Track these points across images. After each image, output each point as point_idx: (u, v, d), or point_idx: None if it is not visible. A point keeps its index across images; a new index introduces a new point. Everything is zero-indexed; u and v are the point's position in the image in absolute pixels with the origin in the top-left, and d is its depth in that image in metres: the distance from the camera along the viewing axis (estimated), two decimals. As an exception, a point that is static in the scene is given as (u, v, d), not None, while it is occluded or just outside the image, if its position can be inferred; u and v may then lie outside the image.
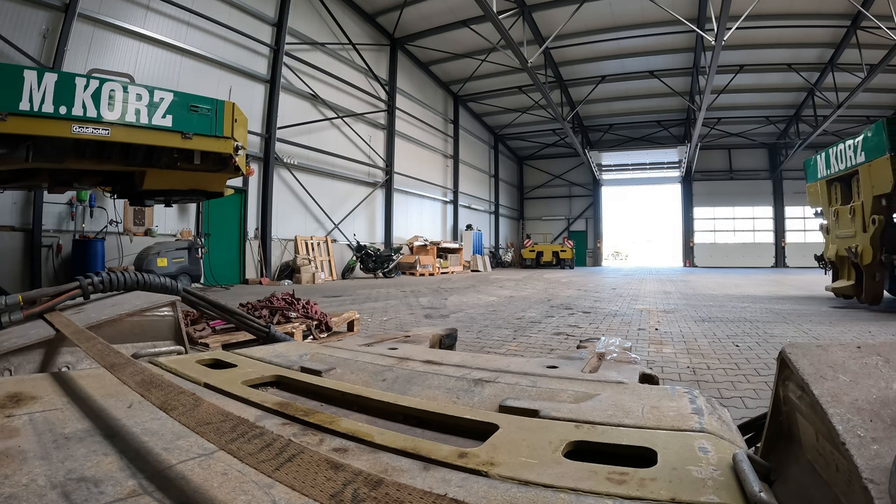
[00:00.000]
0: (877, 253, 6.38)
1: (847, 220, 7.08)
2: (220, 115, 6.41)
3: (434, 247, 18.54)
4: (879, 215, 6.36)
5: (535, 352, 3.99)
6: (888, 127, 6.10)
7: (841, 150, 7.32)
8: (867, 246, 6.49)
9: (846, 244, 7.00)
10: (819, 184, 8.04)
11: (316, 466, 0.52)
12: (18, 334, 1.47)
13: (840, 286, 7.43)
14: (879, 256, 6.37)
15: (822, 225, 8.13)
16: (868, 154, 6.48)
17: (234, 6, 12.04)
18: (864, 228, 6.60)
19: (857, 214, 6.78)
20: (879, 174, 6.21)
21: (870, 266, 6.53)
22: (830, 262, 7.84)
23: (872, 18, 13.18)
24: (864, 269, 6.65)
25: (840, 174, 7.31)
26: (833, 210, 7.56)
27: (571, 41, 17.48)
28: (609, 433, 0.74)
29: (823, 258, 8.09)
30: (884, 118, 6.23)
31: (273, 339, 2.19)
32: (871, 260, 6.44)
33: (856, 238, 6.81)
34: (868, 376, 0.60)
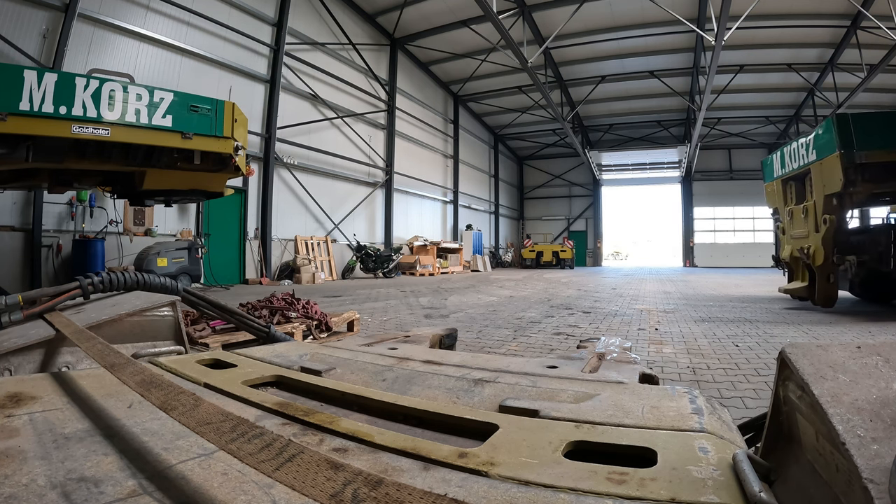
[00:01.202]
0: (829, 253, 6.22)
1: (801, 220, 6.94)
2: (220, 115, 6.41)
3: (434, 247, 18.53)
4: (831, 215, 6.19)
5: (535, 352, 3.99)
6: (838, 124, 5.88)
7: (794, 148, 7.14)
8: (819, 246, 6.33)
9: (799, 244, 6.85)
10: (775, 183, 7.90)
11: (316, 466, 0.52)
12: (18, 334, 1.47)
13: (793, 287, 7.32)
14: (832, 257, 6.20)
15: (778, 225, 8.00)
16: (819, 152, 6.29)
17: (234, 6, 12.04)
18: (817, 228, 6.43)
19: (810, 214, 6.62)
20: (830, 173, 6.03)
21: (822, 267, 6.36)
22: (785, 263, 7.74)
23: (872, 18, 13.18)
24: (816, 270, 6.49)
25: (794, 173, 7.17)
26: (788, 210, 7.44)
27: (571, 41, 17.48)
28: (609, 433, 0.74)
29: (780, 259, 7.96)
30: (833, 114, 6.06)
31: (273, 339, 2.19)
32: (824, 261, 6.29)
33: (808, 238, 6.66)
34: (868, 376, 0.60)
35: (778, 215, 7.98)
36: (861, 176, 5.77)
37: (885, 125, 5.90)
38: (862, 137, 5.72)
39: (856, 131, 5.73)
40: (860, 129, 5.75)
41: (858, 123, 5.80)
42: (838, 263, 6.17)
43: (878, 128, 5.85)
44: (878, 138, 5.72)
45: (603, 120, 26.38)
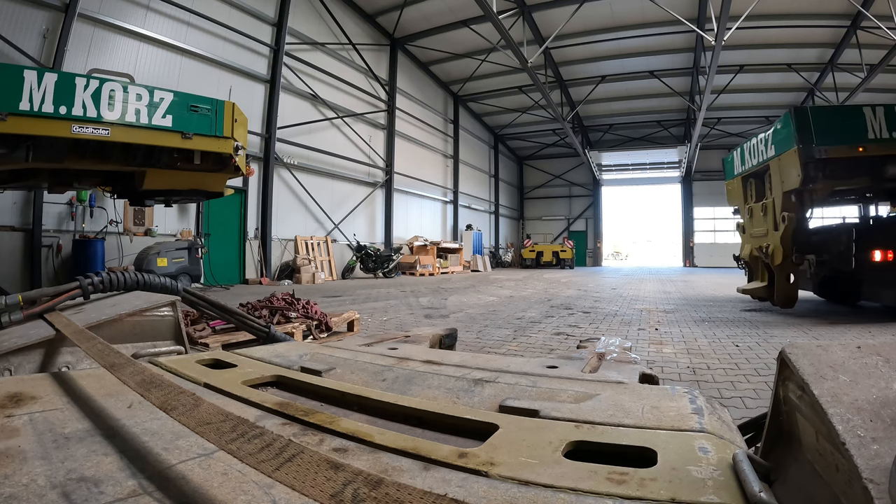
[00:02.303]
0: (788, 252, 5.98)
1: (760, 218, 6.71)
2: (220, 115, 6.41)
3: (434, 247, 18.53)
4: (789, 212, 5.96)
5: (535, 352, 3.99)
6: (796, 117, 5.61)
7: (754, 144, 6.89)
8: (778, 245, 6.08)
9: (758, 243, 6.61)
10: (736, 181, 7.69)
11: (316, 466, 0.52)
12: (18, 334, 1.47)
13: (752, 288, 7.04)
14: (791, 256, 5.98)
15: (739, 224, 7.78)
16: (778, 147, 6.04)
17: (234, 6, 12.04)
18: (776, 227, 6.19)
19: (769, 212, 6.37)
20: (788, 168, 5.80)
21: (781, 266, 6.11)
22: (745, 262, 7.54)
23: (872, 18, 13.18)
24: (775, 269, 6.25)
25: (754, 170, 6.93)
26: (747, 208, 7.24)
27: (571, 41, 17.48)
28: (609, 433, 0.74)
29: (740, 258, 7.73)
30: (791, 107, 5.74)
31: (273, 339, 2.19)
32: (782, 260, 6.03)
33: (767, 237, 6.41)
34: (868, 376, 0.60)
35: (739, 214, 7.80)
36: (822, 172, 5.56)
37: (846, 119, 5.72)
38: (822, 132, 5.50)
39: (815, 125, 5.51)
40: (820, 123, 5.54)
41: (818, 117, 5.61)
42: (797, 263, 5.98)
43: (838, 122, 5.68)
44: (839, 133, 5.55)
45: (603, 120, 26.38)
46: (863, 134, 5.45)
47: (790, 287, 6.18)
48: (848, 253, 5.67)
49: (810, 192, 5.88)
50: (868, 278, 5.70)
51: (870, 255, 5.45)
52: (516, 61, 14.51)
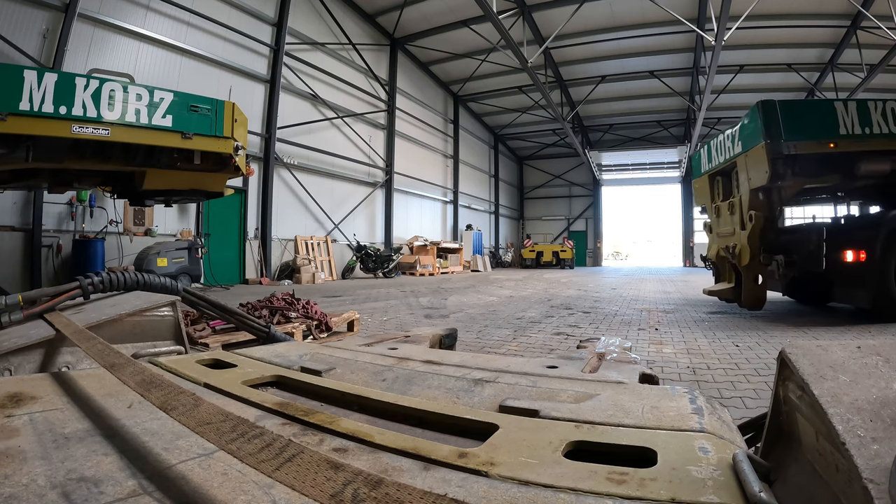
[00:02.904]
0: (756, 253, 5.74)
1: (727, 218, 6.47)
2: (220, 115, 6.41)
3: (434, 247, 18.53)
4: (757, 211, 5.71)
5: (535, 352, 3.99)
6: (763, 111, 5.38)
7: (721, 141, 6.63)
8: (745, 245, 5.84)
9: (725, 243, 6.39)
10: (703, 179, 7.44)
11: (316, 466, 0.52)
12: (18, 334, 1.47)
13: (719, 289, 6.79)
14: (758, 256, 5.73)
15: (706, 223, 7.55)
16: (745, 143, 5.81)
17: (234, 6, 12.04)
18: (743, 226, 5.95)
19: (737, 210, 6.13)
20: (756, 165, 5.56)
21: (748, 267, 5.87)
22: (711, 262, 7.31)
23: (872, 18, 13.18)
24: (742, 270, 6.02)
25: (721, 167, 6.68)
26: (714, 206, 7.00)
27: (571, 41, 17.48)
28: (609, 433, 0.74)
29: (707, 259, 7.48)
30: (759, 101, 5.51)
31: (273, 339, 2.19)
32: (750, 260, 5.80)
33: (734, 236, 6.17)
34: (868, 376, 0.60)
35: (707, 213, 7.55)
36: (791, 169, 5.33)
37: (817, 114, 5.51)
38: (791, 126, 5.27)
39: (784, 119, 5.28)
40: (789, 118, 5.31)
41: (787, 111, 5.38)
42: (765, 263, 5.73)
43: (808, 116, 5.47)
44: (809, 128, 5.34)
45: (603, 120, 26.38)
46: (834, 129, 5.29)
47: (758, 288, 5.97)
48: (818, 253, 5.46)
49: (779, 190, 5.68)
50: (839, 279, 5.51)
51: (841, 256, 5.27)
52: (516, 61, 14.51)
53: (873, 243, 5.12)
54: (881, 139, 5.31)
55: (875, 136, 5.30)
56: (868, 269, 5.10)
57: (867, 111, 5.31)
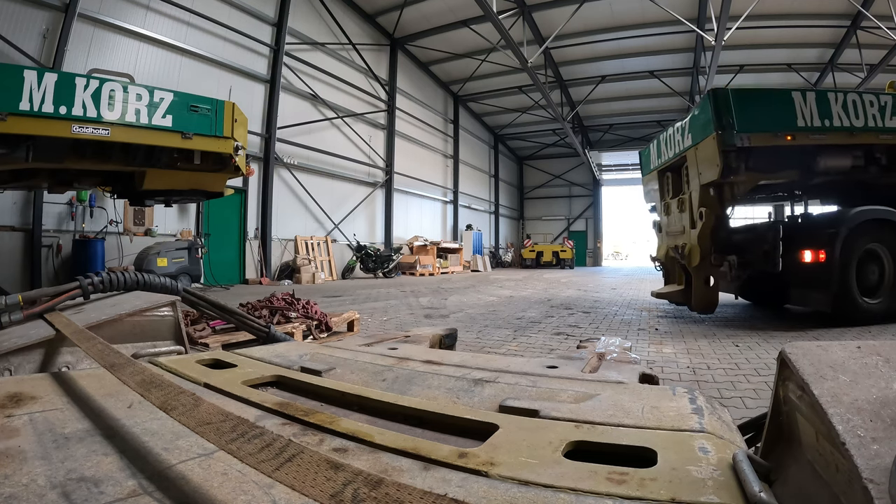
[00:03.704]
0: (706, 252, 5.38)
1: (677, 216, 6.09)
2: (220, 115, 6.42)
3: (434, 247, 18.53)
4: (708, 208, 5.34)
5: (535, 352, 3.99)
6: (715, 100, 5.00)
7: (670, 134, 6.18)
8: (695, 245, 5.48)
9: (674, 242, 6.03)
10: (652, 175, 7.01)
11: (316, 466, 0.52)
12: (18, 334, 1.47)
13: (667, 291, 6.39)
14: (709, 257, 5.38)
15: (655, 222, 7.13)
16: (695, 136, 5.41)
17: (234, 6, 12.04)
18: (693, 224, 5.58)
19: (686, 208, 5.76)
20: (707, 158, 5.18)
21: (699, 268, 5.51)
22: (660, 263, 6.91)
23: (872, 18, 13.18)
24: (692, 271, 5.65)
25: (670, 162, 6.22)
26: (664, 204, 6.60)
27: (571, 41, 17.48)
28: (609, 433, 0.74)
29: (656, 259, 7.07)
30: (710, 89, 5.16)
31: (273, 339, 2.19)
32: (700, 261, 5.44)
33: (684, 235, 5.81)
34: (868, 376, 0.60)
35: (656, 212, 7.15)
36: (744, 163, 4.98)
37: (773, 104, 5.12)
38: (744, 117, 4.92)
39: (737, 110, 4.90)
40: (742, 108, 4.94)
41: (741, 100, 5.01)
42: (717, 264, 5.39)
43: (764, 107, 5.09)
44: (765, 119, 4.98)
45: (603, 120, 26.37)
46: (791, 121, 4.96)
47: (709, 291, 5.61)
48: (774, 253, 5.15)
49: (731, 186, 5.29)
50: (797, 280, 5.25)
51: (799, 256, 5.03)
52: (516, 61, 14.50)
53: (833, 243, 4.85)
54: (842, 133, 5.07)
55: (835, 129, 5.04)
56: (827, 270, 4.85)
57: (827, 102, 5.05)
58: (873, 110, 5.14)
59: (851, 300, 4.91)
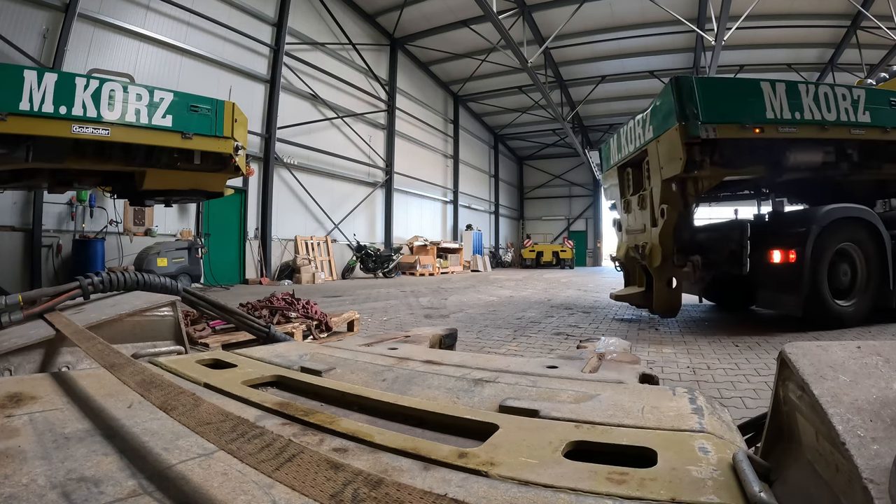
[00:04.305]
0: (668, 252, 5.04)
1: (637, 213, 5.76)
2: (220, 115, 6.42)
3: (434, 247, 18.53)
4: (670, 205, 5.00)
5: (535, 352, 3.99)
6: (678, 88, 4.66)
7: (631, 127, 5.85)
8: (656, 244, 5.15)
9: (635, 241, 5.70)
10: (612, 171, 6.67)
11: (316, 466, 0.52)
12: (18, 334, 1.47)
13: (627, 293, 6.04)
14: (671, 257, 5.04)
15: (615, 220, 6.82)
16: (657, 128, 5.10)
17: (234, 6, 12.05)
18: (654, 222, 5.27)
19: (647, 205, 5.44)
20: (669, 152, 4.84)
21: (660, 269, 5.17)
22: (620, 263, 6.55)
23: (872, 18, 13.18)
24: (653, 272, 5.33)
25: (631, 157, 5.89)
26: (624, 201, 6.26)
27: (571, 41, 17.48)
28: (609, 433, 0.74)
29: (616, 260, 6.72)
30: (673, 77, 4.82)
31: (273, 339, 2.19)
32: (662, 261, 5.10)
33: (645, 234, 5.48)
34: (868, 376, 0.60)
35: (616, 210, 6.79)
36: (709, 156, 4.67)
37: (741, 94, 4.82)
38: (710, 107, 4.59)
39: (702, 99, 4.58)
40: (708, 97, 4.63)
41: (706, 89, 4.71)
42: (679, 265, 5.05)
43: (731, 96, 4.80)
44: (731, 109, 4.69)
45: (603, 120, 26.35)
46: (760, 113, 4.67)
47: (671, 293, 5.26)
48: (742, 253, 4.91)
49: (695, 182, 4.95)
50: (765, 282, 4.99)
51: (767, 256, 4.78)
52: (516, 61, 14.51)
53: (804, 242, 4.59)
54: (813, 126, 4.80)
55: (806, 122, 4.77)
56: (798, 271, 4.56)
57: (798, 94, 4.78)
58: (846, 104, 4.93)
59: (823, 303, 4.69)
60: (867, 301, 4.90)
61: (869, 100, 5.02)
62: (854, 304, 4.87)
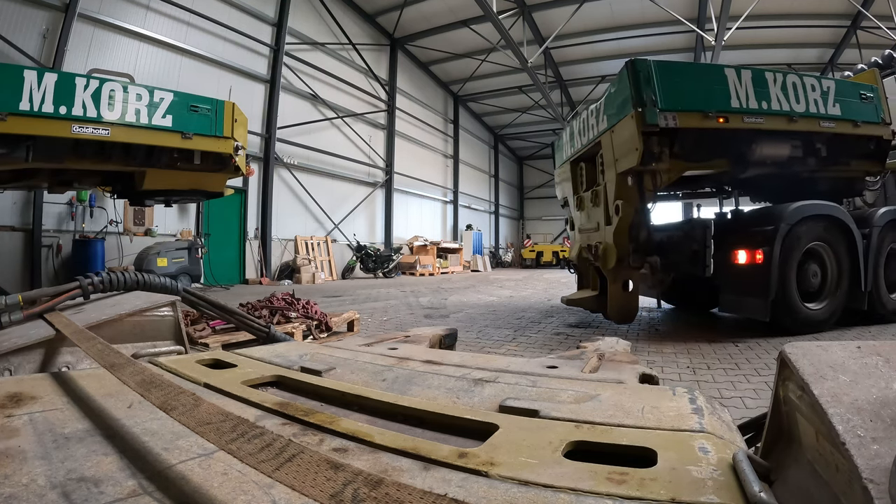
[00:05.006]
0: (624, 253, 4.59)
1: (591, 211, 5.37)
2: (220, 115, 6.42)
3: (434, 247, 18.53)
4: (625, 201, 4.54)
5: (535, 352, 3.99)
6: (634, 72, 4.22)
7: (585, 118, 5.40)
8: (610, 244, 4.69)
9: (588, 241, 5.28)
10: (565, 167, 6.19)
11: (316, 466, 0.52)
12: (18, 334, 1.47)
13: (579, 297, 5.58)
14: (627, 258, 4.58)
15: (567, 219, 6.33)
16: (612, 117, 4.66)
17: (234, 6, 12.04)
18: (608, 220, 4.82)
19: (601, 201, 5.02)
20: (624, 142, 4.40)
21: (615, 270, 4.71)
22: (573, 265, 6.04)
23: (872, 18, 13.18)
24: (607, 274, 4.86)
25: (584, 151, 5.43)
26: (577, 198, 5.81)
27: (571, 41, 17.48)
28: (609, 433, 0.74)
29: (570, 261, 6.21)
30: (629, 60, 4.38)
31: (273, 339, 2.19)
32: (617, 262, 4.63)
33: (598, 233, 5.06)
34: (868, 376, 0.60)
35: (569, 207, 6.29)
36: (668, 148, 4.24)
37: (704, 80, 4.44)
38: (670, 93, 4.18)
39: (661, 84, 4.16)
40: (667, 82, 4.21)
41: (665, 73, 4.26)
42: (636, 266, 4.63)
43: (693, 81, 4.44)
44: (693, 96, 4.30)
45: (603, 120, 26.35)
46: (725, 101, 4.31)
47: (627, 297, 4.81)
48: (705, 254, 4.59)
49: (653, 176, 4.47)
50: (729, 285, 4.68)
51: (731, 257, 4.49)
52: (516, 61, 14.51)
53: (772, 242, 4.28)
54: (781, 118, 4.47)
55: (773, 113, 4.45)
56: (765, 272, 4.25)
57: (765, 83, 4.46)
58: (815, 95, 4.64)
59: (792, 306, 4.39)
60: (838, 304, 4.64)
61: (839, 92, 4.77)
62: (824, 308, 4.60)
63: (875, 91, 5.02)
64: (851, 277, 4.67)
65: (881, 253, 4.91)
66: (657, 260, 4.59)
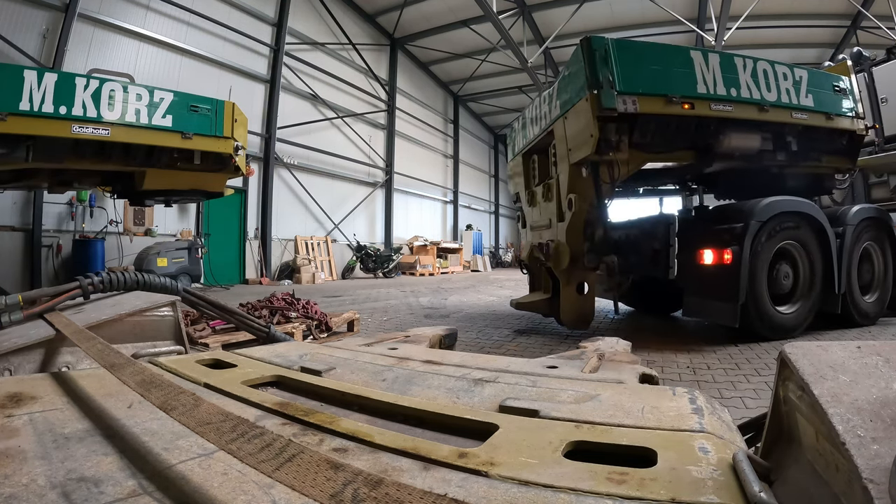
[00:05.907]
0: (578, 252, 4.15)
1: (542, 205, 4.95)
2: (220, 115, 6.42)
3: (434, 247, 18.53)
4: (579, 195, 4.10)
5: (535, 352, 3.99)
6: (589, 50, 3.76)
7: (537, 105, 4.96)
8: (562, 242, 4.28)
9: (538, 239, 4.86)
10: (517, 160, 5.73)
11: (316, 466, 0.52)
12: (18, 334, 1.47)
13: (529, 301, 5.17)
14: (582, 258, 4.14)
15: (519, 216, 5.88)
16: (565, 103, 4.21)
17: (234, 6, 12.04)
18: (561, 216, 4.40)
19: (553, 195, 4.59)
20: (578, 130, 3.95)
21: (568, 271, 4.27)
22: (525, 265, 5.55)
23: (872, 18, 13.18)
24: (559, 276, 4.41)
25: (536, 141, 4.99)
26: (528, 193, 5.37)
27: (572, 41, 17.39)
28: (609, 433, 0.74)
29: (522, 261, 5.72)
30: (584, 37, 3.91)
31: (273, 339, 2.19)
32: (570, 263, 4.20)
33: (550, 230, 4.66)
34: (868, 376, 0.60)
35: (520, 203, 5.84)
36: (628, 136, 3.87)
37: (668, 62, 4.00)
38: (629, 74, 3.77)
39: (620, 64, 3.74)
40: (627, 62, 3.79)
41: (625, 53, 3.83)
42: (591, 267, 4.19)
43: (655, 64, 3.95)
44: (656, 79, 3.87)
45: (603, 120, 26.34)
46: (690, 85, 3.92)
47: (581, 300, 4.34)
48: (668, 253, 4.24)
49: (610, 167, 3.98)
50: (693, 287, 4.25)
51: (696, 257, 4.11)
52: (516, 61, 14.52)
53: (741, 241, 3.90)
54: (751, 106, 4.14)
55: (743, 100, 4.11)
56: (734, 274, 3.88)
57: (734, 69, 4.12)
58: (787, 84, 4.37)
59: (763, 311, 4.03)
60: (811, 307, 4.31)
61: (812, 82, 4.51)
62: (796, 311, 4.27)
63: (849, 83, 4.83)
64: (825, 279, 4.35)
65: (855, 253, 4.63)
66: (614, 260, 4.17)
